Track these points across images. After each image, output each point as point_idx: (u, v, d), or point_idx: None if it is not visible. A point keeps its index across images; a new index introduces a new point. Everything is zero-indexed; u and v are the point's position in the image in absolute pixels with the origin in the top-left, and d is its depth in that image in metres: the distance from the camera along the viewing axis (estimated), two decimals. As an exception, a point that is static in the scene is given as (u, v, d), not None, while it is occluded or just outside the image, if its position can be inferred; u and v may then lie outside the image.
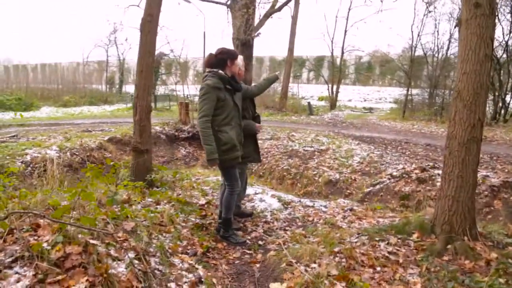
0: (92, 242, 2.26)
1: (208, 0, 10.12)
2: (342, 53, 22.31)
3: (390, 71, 30.76)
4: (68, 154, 6.84)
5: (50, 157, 6.38)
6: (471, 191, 2.96)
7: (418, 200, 5.42)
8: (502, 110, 13.37)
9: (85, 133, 9.08)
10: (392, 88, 28.88)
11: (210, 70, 3.33)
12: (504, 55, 13.33)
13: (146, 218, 3.15)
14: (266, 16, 10.27)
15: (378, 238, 3.16)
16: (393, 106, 20.94)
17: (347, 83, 33.14)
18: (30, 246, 2.03)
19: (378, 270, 2.72)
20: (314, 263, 2.84)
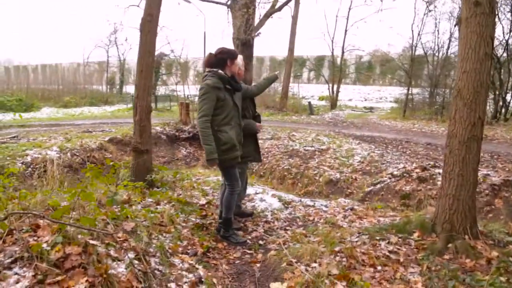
0: (92, 242, 2.26)
1: (208, 0, 10.13)
2: (343, 52, 22.31)
3: (390, 71, 30.71)
4: (68, 154, 6.85)
5: (50, 157, 6.38)
6: (472, 190, 2.96)
7: (419, 199, 5.41)
8: (503, 109, 13.37)
9: (85, 133, 9.09)
10: (392, 87, 28.83)
11: (209, 70, 3.33)
12: (504, 54, 13.32)
13: (146, 218, 3.15)
14: (266, 16, 10.26)
15: (378, 237, 3.15)
16: (393, 105, 20.90)
17: (348, 83, 33.10)
18: (29, 247, 2.03)
19: (379, 269, 2.72)
20: (315, 263, 2.83)
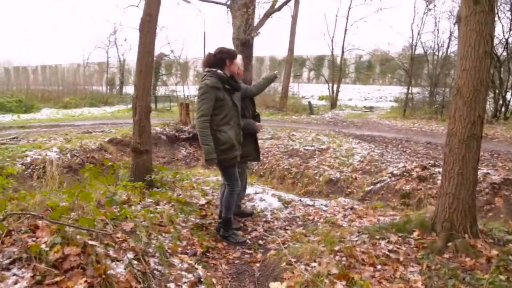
0: (90, 243, 2.25)
1: (208, 0, 10.12)
2: (342, 52, 22.29)
3: (390, 70, 30.69)
4: (68, 155, 6.85)
5: (50, 158, 6.38)
6: (472, 189, 2.95)
7: (418, 198, 5.40)
8: (503, 108, 13.34)
9: (85, 134, 9.08)
10: (392, 86, 28.78)
11: (209, 70, 3.33)
12: (504, 53, 13.29)
13: (146, 219, 3.14)
14: (266, 15, 10.26)
15: (378, 237, 3.15)
16: (393, 104, 20.87)
17: (348, 82, 33.05)
18: (28, 248, 2.02)
19: (379, 269, 2.71)
20: (314, 262, 2.83)
